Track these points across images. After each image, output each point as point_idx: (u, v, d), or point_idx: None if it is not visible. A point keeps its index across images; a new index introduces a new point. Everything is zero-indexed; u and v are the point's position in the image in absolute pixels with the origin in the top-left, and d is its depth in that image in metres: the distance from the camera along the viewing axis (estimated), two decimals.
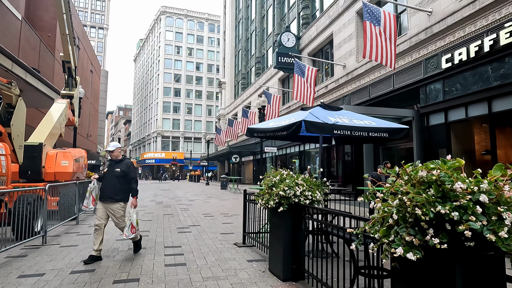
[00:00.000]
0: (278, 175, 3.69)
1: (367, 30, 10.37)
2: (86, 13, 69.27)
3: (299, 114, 4.57)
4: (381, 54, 10.38)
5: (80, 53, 29.50)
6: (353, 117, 4.79)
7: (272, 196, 3.48)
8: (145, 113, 77.08)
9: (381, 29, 10.80)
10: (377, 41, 10.39)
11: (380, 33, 10.51)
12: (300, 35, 22.88)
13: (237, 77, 43.63)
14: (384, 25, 10.80)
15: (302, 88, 16.25)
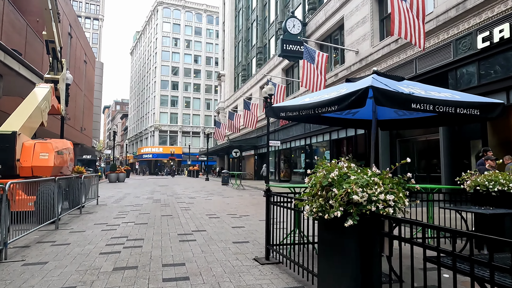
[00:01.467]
0: (336, 168, 2.41)
1: (394, 4, 9.05)
2: (80, 3, 67.24)
3: (354, 84, 3.30)
4: (410, 31, 9.08)
5: (73, 42, 27.97)
6: (426, 89, 3.50)
7: (335, 202, 2.20)
8: (142, 107, 75.49)
9: (407, 5, 9.48)
10: (406, 17, 9.08)
11: (407, 9, 9.20)
12: (306, 21, 21.49)
13: (237, 69, 42.19)
14: (410, 2, 9.49)
15: (312, 75, 14.92)
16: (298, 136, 22.50)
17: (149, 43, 71.80)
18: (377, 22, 14.87)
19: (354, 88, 2.98)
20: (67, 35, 25.59)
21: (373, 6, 14.88)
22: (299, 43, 21.00)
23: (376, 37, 14.75)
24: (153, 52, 68.07)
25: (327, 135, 18.79)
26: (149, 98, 69.41)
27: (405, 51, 12.62)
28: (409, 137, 13.68)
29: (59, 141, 8.70)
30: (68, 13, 26.03)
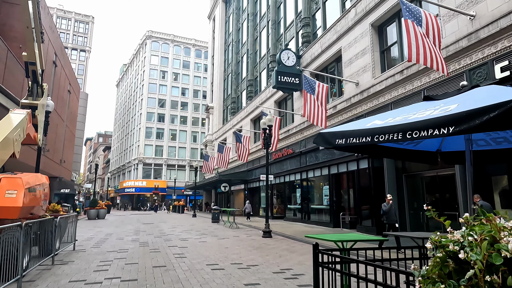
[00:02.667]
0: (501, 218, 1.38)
1: (410, 30, 8.49)
2: (68, 35, 66.90)
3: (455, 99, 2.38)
4: (430, 56, 8.46)
5: (57, 71, 26.90)
6: None
7: None
8: (126, 139, 73.63)
9: (423, 31, 8.98)
10: (423, 43, 8.50)
11: (423, 35, 8.67)
12: (301, 54, 21.26)
13: (226, 102, 41.75)
14: (426, 26, 8.99)
15: (313, 106, 14.22)
16: (293, 170, 21.51)
17: (136, 76, 71.43)
18: (377, 53, 14.54)
19: (486, 101, 2.01)
20: (51, 63, 24.56)
21: (373, 38, 14.62)
22: (294, 75, 20.64)
23: (377, 68, 14.34)
24: (140, 84, 67.53)
25: (325, 169, 17.87)
26: (134, 130, 67.87)
27: (411, 82, 12.11)
28: (416, 172, 12.88)
29: (32, 176, 7.37)
30: (54, 41, 25.18)
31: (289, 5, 25.48)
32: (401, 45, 13.50)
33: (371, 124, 2.79)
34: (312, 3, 21.48)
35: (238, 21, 39.05)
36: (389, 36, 14.41)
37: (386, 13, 13.83)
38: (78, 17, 68.85)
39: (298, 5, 23.53)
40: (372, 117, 3.34)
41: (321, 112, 14.26)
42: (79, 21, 68.83)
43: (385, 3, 13.81)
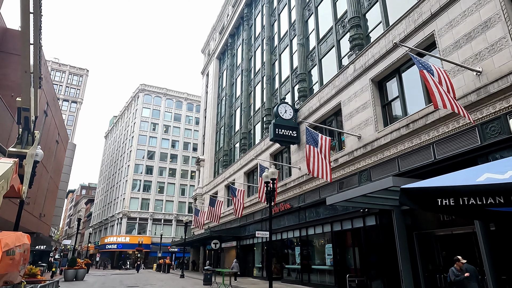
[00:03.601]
0: None
1: (428, 79, 8.39)
2: (60, 86, 67.51)
3: None
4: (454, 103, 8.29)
5: (47, 121, 26.26)
6: None
7: None
8: (111, 192, 71.13)
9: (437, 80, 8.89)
10: (443, 90, 8.35)
11: (440, 82, 8.57)
12: (298, 107, 21.37)
13: (218, 154, 41.26)
14: (438, 77, 8.93)
15: (316, 159, 13.73)
16: (291, 226, 20.40)
17: (126, 127, 71.26)
18: (379, 107, 14.54)
19: None
20: (42, 112, 24.01)
21: (374, 92, 14.72)
22: (292, 128, 20.52)
23: (380, 122, 14.22)
24: (129, 136, 67.10)
25: (327, 226, 16.91)
26: (120, 183, 65.86)
27: (418, 136, 11.88)
28: (428, 230, 12.11)
29: (11, 235, 6.32)
30: (48, 91, 24.90)
31: (284, 62, 26.30)
32: (403, 99, 13.54)
33: (485, 178, 2.18)
34: (308, 60, 22.14)
35: (232, 76, 40.13)
36: (390, 91, 14.54)
37: (386, 69, 14.07)
38: (72, 70, 70.22)
39: (294, 62, 24.27)
40: (473, 169, 2.74)
41: (325, 165, 13.76)
42: (73, 73, 70.10)
43: (385, 60, 14.11)
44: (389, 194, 10.54)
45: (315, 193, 18.12)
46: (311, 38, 22.42)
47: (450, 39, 11.13)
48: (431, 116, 11.35)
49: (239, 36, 39.57)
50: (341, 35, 18.68)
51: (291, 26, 25.58)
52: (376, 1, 16.04)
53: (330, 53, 19.62)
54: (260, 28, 32.77)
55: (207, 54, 51.95)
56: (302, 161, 19.90)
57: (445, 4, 11.39)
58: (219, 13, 46.44)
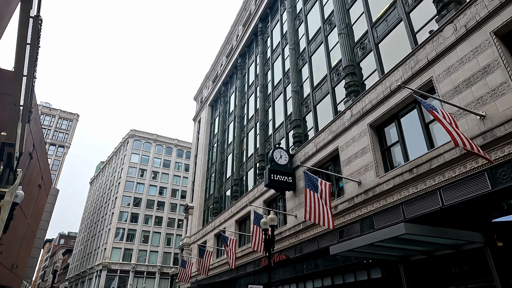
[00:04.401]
0: None
1: (441, 119, 8.16)
2: (49, 130, 66.61)
3: None
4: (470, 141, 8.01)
5: (31, 163, 25.14)
6: None
7: None
8: (92, 241, 67.29)
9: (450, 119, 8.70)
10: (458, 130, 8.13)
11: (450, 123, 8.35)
12: (293, 153, 21.05)
13: (207, 202, 39.96)
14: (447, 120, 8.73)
15: (317, 205, 13.07)
16: (287, 279, 19.02)
17: (113, 173, 69.55)
18: (379, 152, 14.28)
19: None
20: (27, 155, 23.01)
21: (373, 137, 14.56)
22: (287, 173, 20.01)
23: (380, 167, 13.87)
24: (116, 182, 65.23)
25: (327, 279, 15.74)
26: (102, 231, 62.59)
27: (423, 181, 11.46)
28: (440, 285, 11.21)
29: None
30: (35, 132, 24.15)
31: (277, 109, 26.52)
32: (404, 144, 13.35)
33: None
34: (303, 106, 22.32)
35: (225, 123, 40.28)
36: (389, 136, 14.40)
37: (384, 114, 14.05)
38: (63, 114, 69.98)
39: (288, 109, 24.45)
40: None
41: (326, 211, 13.07)
42: (63, 118, 69.76)
43: (383, 105, 14.14)
44: (399, 243, 9.81)
45: (313, 243, 17.12)
46: (305, 85, 22.83)
47: (449, 85, 11.22)
48: (435, 160, 11.05)
49: (233, 84, 40.44)
50: (336, 82, 19.03)
51: (285, 75, 26.18)
52: (370, 51, 16.54)
53: (325, 100, 19.82)
54: (253, 76, 33.57)
55: (200, 101, 52.67)
56: (298, 208, 19.13)
57: (441, 52, 11.66)
58: (213, 63, 47.90)
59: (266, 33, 32.83)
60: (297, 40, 25.29)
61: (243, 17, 39.67)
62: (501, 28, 9.94)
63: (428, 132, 12.34)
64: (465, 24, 10.98)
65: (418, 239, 9.60)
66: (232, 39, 42.79)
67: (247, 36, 36.16)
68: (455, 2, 11.92)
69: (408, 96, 12.84)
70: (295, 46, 25.05)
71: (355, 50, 17.87)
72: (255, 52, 34.44)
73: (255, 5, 35.34)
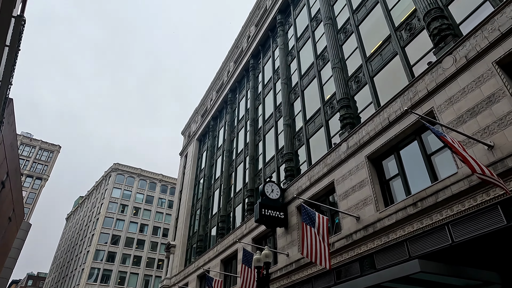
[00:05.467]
0: None
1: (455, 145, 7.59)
2: (27, 161, 63.82)
3: None
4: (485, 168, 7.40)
5: (3, 194, 23.36)
6: None
7: None
8: (63, 282, 62.32)
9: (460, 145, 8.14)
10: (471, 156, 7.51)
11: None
12: (285, 187, 20.17)
13: (191, 240, 37.83)
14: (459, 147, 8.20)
15: (314, 241, 12.05)
16: None
17: (92, 208, 66.31)
18: (378, 186, 13.61)
19: None
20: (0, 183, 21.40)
21: (371, 170, 13.95)
22: (279, 208, 19.02)
23: (380, 201, 13.13)
24: (94, 217, 61.98)
25: None
26: (75, 272, 58.21)
27: (429, 216, 10.71)
28: None
29: None
30: (11, 160, 22.69)
31: (268, 143, 25.98)
32: (405, 177, 12.75)
33: None
34: (295, 139, 21.84)
35: (212, 157, 39.38)
36: (388, 169, 13.83)
37: (382, 146, 13.58)
38: (43, 145, 67.62)
39: (279, 142, 23.93)
40: None
41: (323, 248, 12.03)
42: (43, 149, 67.34)
43: (381, 137, 13.70)
44: (411, 283, 8.81)
45: (307, 285, 15.76)
46: (297, 119, 22.53)
47: (451, 115, 10.90)
48: (442, 193, 10.40)
49: (222, 118, 40.14)
50: (330, 115, 18.75)
51: (276, 109, 25.96)
52: (365, 84, 16.45)
53: (319, 133, 19.41)
54: (244, 111, 33.36)
55: (188, 136, 51.94)
56: (291, 246, 17.92)
57: (442, 82, 11.49)
58: (203, 98, 47.90)
59: (257, 69, 33.15)
60: (289, 75, 25.41)
61: (234, 54, 40.33)
62: (503, 58, 9.83)
63: (430, 164, 11.82)
64: (465, 55, 10.91)
65: (431, 279, 8.67)
66: (223, 75, 43.19)
67: (238, 71, 36.47)
68: (452, 35, 11.97)
69: (408, 126, 12.48)
70: (287, 81, 25.10)
71: (349, 83, 17.81)
72: (246, 87, 34.55)
73: (247, 42, 36.08)
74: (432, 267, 7.74)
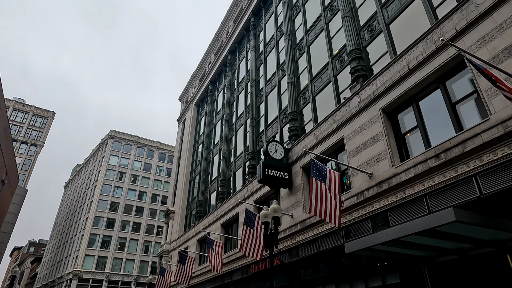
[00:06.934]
0: None
1: (503, 80, 6.39)
2: (21, 127, 62.34)
3: None
4: None
5: None
6: None
7: None
8: (63, 248, 62.88)
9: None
10: None
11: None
12: (289, 147, 19.15)
13: (190, 205, 37.42)
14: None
15: (324, 198, 11.13)
16: (280, 287, 16.83)
17: (89, 176, 65.74)
18: (393, 140, 12.57)
19: None
20: None
21: (386, 123, 12.85)
22: (283, 169, 18.11)
23: (396, 156, 12.13)
24: (92, 185, 61.52)
25: (331, 286, 13.69)
26: (75, 238, 58.51)
27: (454, 167, 9.72)
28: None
29: None
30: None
31: (271, 103, 24.72)
32: (424, 129, 11.68)
33: None
34: (300, 98, 20.59)
35: (211, 122, 38.19)
36: (404, 122, 12.74)
37: (399, 97, 12.40)
38: (37, 111, 65.84)
39: (283, 102, 22.68)
40: None
41: (334, 205, 11.14)
42: (37, 115, 65.62)
43: (398, 87, 12.50)
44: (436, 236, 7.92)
45: (312, 245, 15.11)
46: (302, 76, 21.17)
47: (485, 55, 9.65)
48: (470, 142, 9.36)
49: (221, 82, 38.57)
50: (339, 70, 17.41)
51: (279, 67, 24.48)
52: (380, 32, 15.04)
53: (326, 89, 18.15)
54: (244, 72, 31.79)
55: (185, 102, 50.43)
56: (295, 207, 17.19)
57: (474, 19, 10.14)
58: (201, 61, 45.96)
59: (258, 27, 31.23)
60: (294, 31, 23.72)
61: (234, 12, 38.06)
62: None
63: (455, 113, 10.72)
64: None
65: (456, 232, 7.79)
66: (221, 36, 41.06)
67: (238, 31, 34.46)
68: None
69: (431, 73, 11.26)
70: (292, 37, 23.46)
71: (361, 33, 16.34)
72: (246, 48, 32.74)
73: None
74: (468, 217, 6.81)
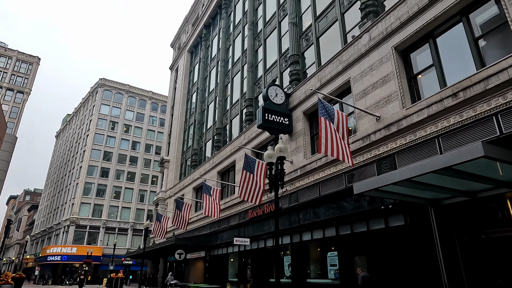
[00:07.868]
0: None
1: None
2: (5, 73, 59.50)
3: None
4: None
5: None
6: None
7: None
8: (59, 196, 63.46)
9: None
10: None
11: None
12: (290, 92, 18.29)
13: (185, 155, 37.13)
14: None
15: (334, 137, 10.56)
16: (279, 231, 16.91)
17: (81, 125, 64.48)
18: (405, 80, 11.80)
19: None
20: None
21: (398, 62, 11.99)
22: (283, 114, 17.45)
23: (407, 97, 11.46)
24: (84, 134, 60.54)
25: (331, 229, 13.71)
26: (70, 186, 58.78)
27: (472, 107, 9.11)
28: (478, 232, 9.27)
29: None
30: None
31: (270, 47, 23.35)
32: (440, 67, 10.87)
33: None
34: (302, 40, 19.31)
35: (206, 69, 36.62)
36: (417, 61, 11.89)
37: (416, 33, 11.41)
38: (21, 57, 62.43)
39: (283, 46, 21.35)
40: None
41: (343, 146, 10.60)
42: (21, 60, 62.36)
43: (415, 22, 11.45)
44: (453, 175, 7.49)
45: (312, 190, 14.94)
46: (305, 16, 19.69)
47: None
48: (494, 78, 8.66)
49: (216, 26, 36.34)
50: (347, 7, 16.04)
51: (280, 7, 22.73)
52: None
53: (332, 29, 16.88)
54: (241, 14, 29.73)
55: (178, 48, 48.05)
56: (295, 153, 16.79)
57: None
58: (193, 3, 42.99)
59: None
60: None
61: None
62: None
63: (477, 49, 9.87)
64: None
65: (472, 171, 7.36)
66: None
67: None
68: None
69: (453, 4, 10.19)
70: None
71: None
72: None
73: None
74: (497, 152, 6.31)
